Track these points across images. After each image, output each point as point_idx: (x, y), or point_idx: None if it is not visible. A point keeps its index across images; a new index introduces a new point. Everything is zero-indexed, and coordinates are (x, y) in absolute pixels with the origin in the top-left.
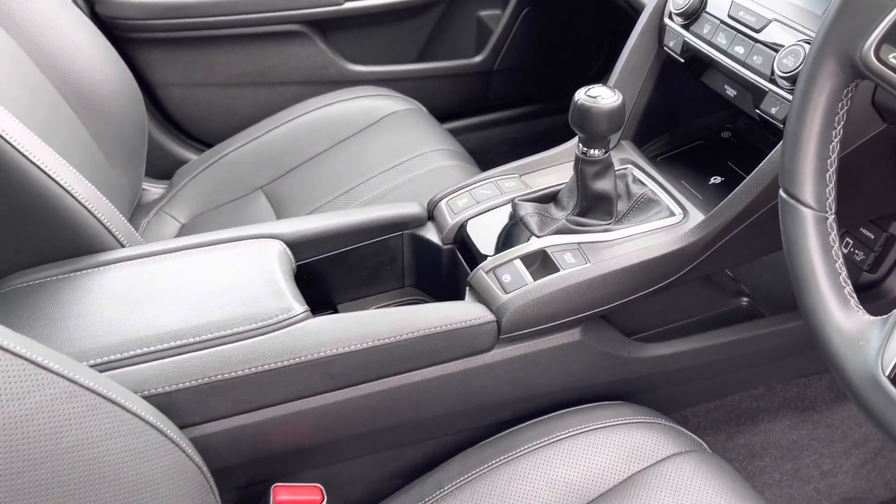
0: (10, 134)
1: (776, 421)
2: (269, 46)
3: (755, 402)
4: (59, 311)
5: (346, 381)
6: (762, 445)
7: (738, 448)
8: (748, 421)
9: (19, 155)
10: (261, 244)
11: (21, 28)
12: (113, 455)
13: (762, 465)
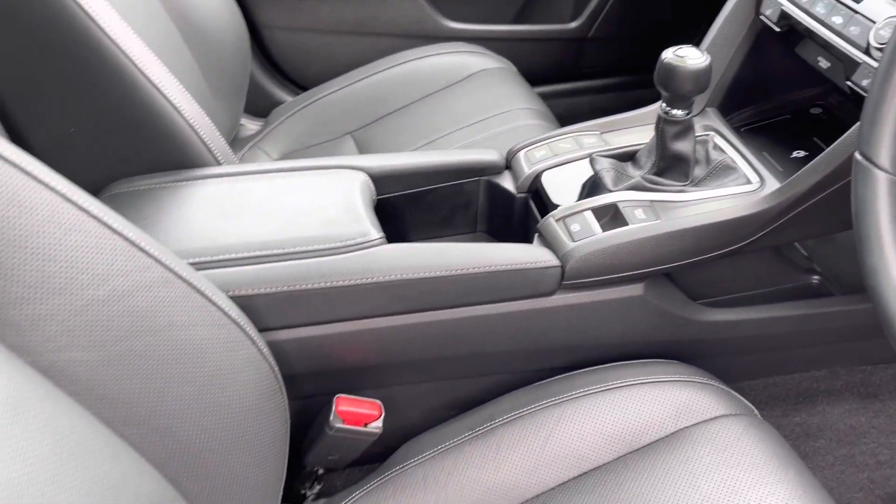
0: (131, 51)
1: (836, 404)
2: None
3: (816, 383)
4: (159, 215)
5: (413, 306)
6: (818, 427)
7: (793, 426)
8: (806, 401)
9: (137, 71)
10: (346, 174)
11: None
12: (198, 341)
13: (816, 446)
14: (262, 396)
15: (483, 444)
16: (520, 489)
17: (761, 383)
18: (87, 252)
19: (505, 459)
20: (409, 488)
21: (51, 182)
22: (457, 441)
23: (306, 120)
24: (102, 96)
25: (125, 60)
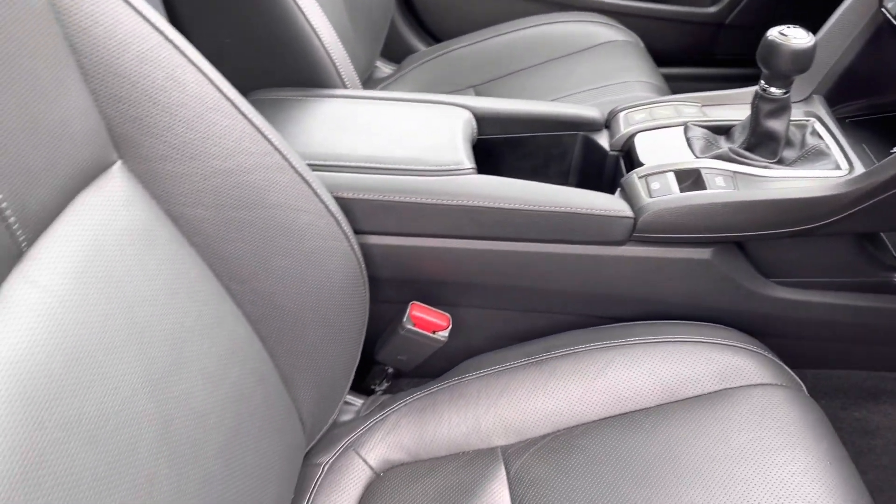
0: None
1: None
2: None
3: (882, 382)
4: (287, 122)
5: (491, 233)
6: (878, 426)
7: (851, 420)
8: (869, 398)
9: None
10: (453, 110)
11: None
12: (300, 224)
13: (873, 444)
14: (347, 285)
15: (537, 370)
16: (564, 416)
17: (824, 373)
18: (222, 129)
19: (554, 387)
20: (464, 398)
21: (203, 67)
22: (513, 364)
23: (435, 70)
24: (256, 14)
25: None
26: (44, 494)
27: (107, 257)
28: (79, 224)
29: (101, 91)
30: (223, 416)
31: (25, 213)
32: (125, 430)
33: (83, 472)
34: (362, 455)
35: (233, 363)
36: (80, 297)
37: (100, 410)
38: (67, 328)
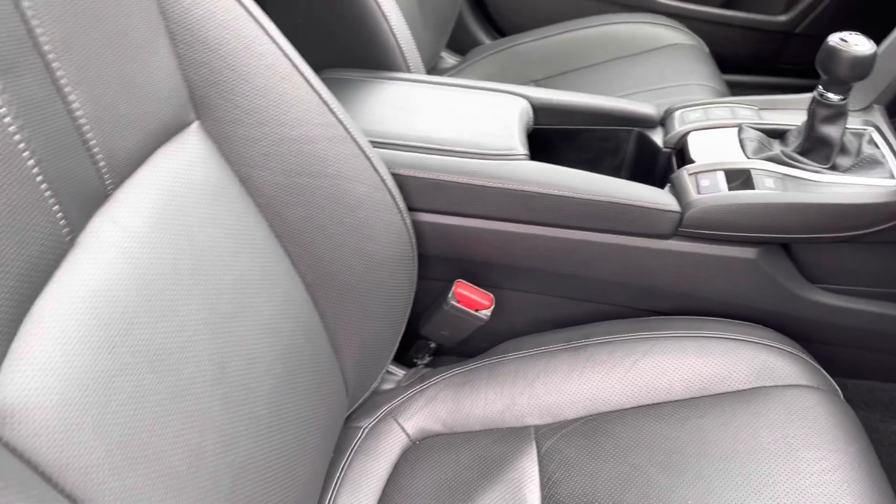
0: None
1: None
2: None
3: None
4: (352, 100)
5: (539, 218)
6: None
7: (890, 434)
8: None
9: None
10: (511, 98)
11: None
12: (356, 195)
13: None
14: (397, 258)
15: (574, 356)
16: (597, 401)
17: (866, 384)
18: (291, 99)
19: (590, 373)
20: (501, 376)
21: (278, 40)
22: (551, 348)
23: (499, 63)
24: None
25: None
26: (111, 411)
27: (181, 207)
28: (158, 174)
29: (185, 55)
30: (274, 365)
31: (113, 159)
32: (186, 365)
33: (146, 396)
34: (400, 422)
35: (286, 318)
36: (155, 240)
37: (165, 344)
38: (142, 266)
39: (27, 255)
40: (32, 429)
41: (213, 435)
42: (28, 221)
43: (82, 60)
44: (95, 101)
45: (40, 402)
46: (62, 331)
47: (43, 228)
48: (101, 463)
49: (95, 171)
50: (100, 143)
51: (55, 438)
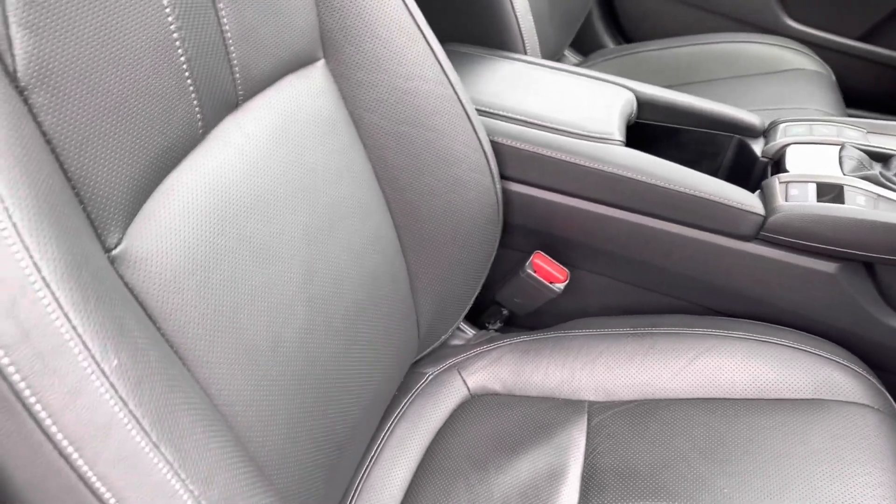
0: None
1: None
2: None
3: None
4: (468, 72)
5: (625, 202)
6: None
7: None
8: None
9: None
10: (617, 89)
11: None
12: (453, 151)
13: None
14: (483, 218)
15: (637, 342)
16: (653, 387)
17: None
18: (410, 54)
19: (651, 361)
20: (564, 350)
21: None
22: (617, 332)
23: (619, 68)
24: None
25: None
26: (212, 282)
27: (298, 129)
28: (283, 97)
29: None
30: (356, 288)
31: (248, 74)
32: (280, 262)
33: (242, 278)
34: (463, 376)
35: (373, 251)
36: (272, 150)
37: (265, 240)
38: (257, 170)
39: (168, 135)
40: (147, 276)
41: (293, 330)
42: (173, 107)
43: None
44: (242, 21)
45: (157, 256)
46: (185, 205)
47: (183, 116)
48: (196, 322)
49: (231, 82)
50: (239, 58)
51: (163, 289)
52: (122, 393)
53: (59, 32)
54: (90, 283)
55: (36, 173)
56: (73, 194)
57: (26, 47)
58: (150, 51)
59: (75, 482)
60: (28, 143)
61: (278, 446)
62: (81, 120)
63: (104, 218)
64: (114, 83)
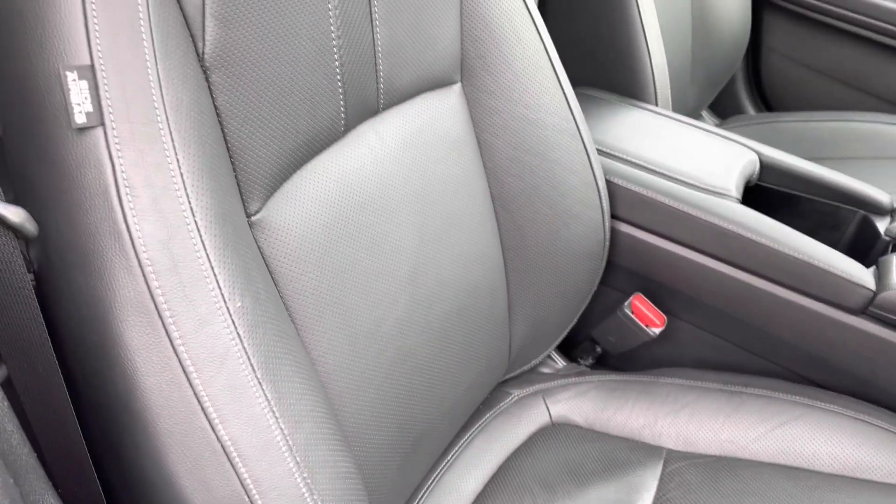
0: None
1: None
2: (876, 55)
3: None
4: (594, 112)
5: (732, 258)
6: None
7: None
8: None
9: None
10: (741, 148)
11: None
12: (568, 185)
13: None
14: (588, 253)
15: (726, 399)
16: (735, 446)
17: None
18: (540, 87)
19: (737, 419)
20: (651, 395)
21: (544, 37)
22: (706, 385)
23: (756, 134)
24: (603, 15)
25: (634, 4)
26: (329, 260)
27: (426, 141)
28: (418, 111)
29: (467, 28)
30: (455, 295)
31: (390, 87)
32: (391, 256)
33: (355, 264)
34: (548, 403)
35: (477, 264)
36: (400, 156)
37: (381, 234)
38: (384, 170)
39: (315, 127)
40: (277, 243)
41: (392, 319)
42: (323, 104)
43: (392, 5)
44: (393, 39)
45: (287, 228)
46: (318, 189)
47: (330, 113)
48: (310, 291)
49: (375, 90)
50: (385, 71)
51: (288, 257)
52: (240, 330)
53: (242, 25)
54: (231, 235)
55: (205, 138)
56: (230, 162)
57: (214, 34)
58: (311, 52)
59: (191, 398)
60: (204, 112)
61: (363, 420)
62: (247, 100)
63: (250, 187)
64: (277, 74)
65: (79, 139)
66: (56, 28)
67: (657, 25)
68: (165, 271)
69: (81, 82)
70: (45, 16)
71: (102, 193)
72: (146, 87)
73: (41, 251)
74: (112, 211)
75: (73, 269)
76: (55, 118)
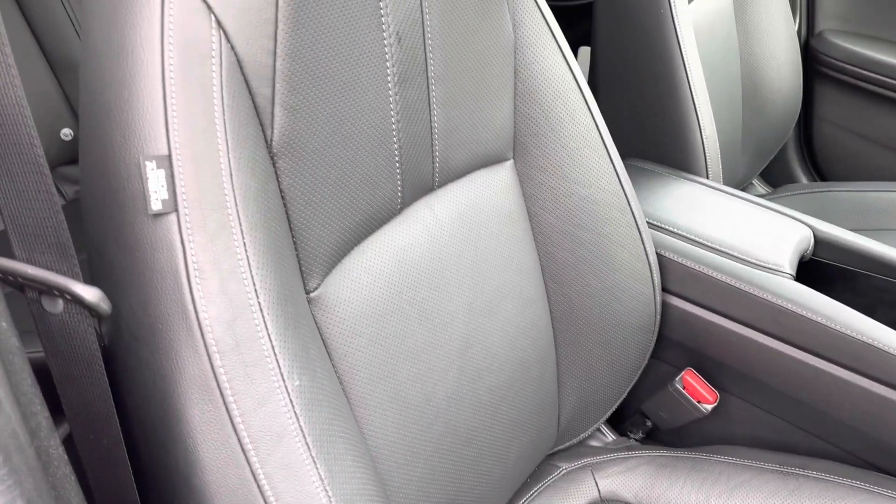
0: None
1: None
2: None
3: None
4: (644, 185)
5: (787, 336)
6: None
7: None
8: None
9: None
10: (793, 223)
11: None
12: (619, 259)
13: None
14: (638, 327)
15: (782, 481)
16: None
17: None
18: (591, 164)
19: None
20: (703, 473)
21: (595, 114)
22: (761, 465)
23: (808, 204)
24: (655, 87)
25: (684, 75)
26: (382, 335)
27: (478, 217)
28: (471, 188)
29: (520, 108)
30: (504, 368)
31: (445, 165)
32: (443, 330)
33: (408, 337)
34: (597, 478)
35: (527, 337)
36: (453, 232)
37: (434, 307)
38: (437, 246)
39: (372, 206)
40: (334, 319)
41: (443, 392)
42: (381, 184)
43: (449, 89)
44: (448, 121)
45: (344, 304)
46: (374, 266)
47: (387, 193)
48: (364, 366)
49: (431, 170)
50: (441, 151)
51: (344, 333)
52: (297, 409)
53: (308, 114)
54: (291, 315)
55: (270, 221)
56: (293, 242)
57: (282, 123)
58: (372, 137)
59: (247, 475)
60: (270, 197)
61: (412, 494)
62: (310, 184)
63: (310, 265)
64: (339, 158)
65: (154, 224)
66: (139, 119)
67: (707, 95)
68: (229, 351)
69: (159, 171)
70: (129, 107)
71: (173, 275)
72: (218, 175)
73: (113, 327)
74: (181, 293)
75: (143, 346)
76: (133, 204)
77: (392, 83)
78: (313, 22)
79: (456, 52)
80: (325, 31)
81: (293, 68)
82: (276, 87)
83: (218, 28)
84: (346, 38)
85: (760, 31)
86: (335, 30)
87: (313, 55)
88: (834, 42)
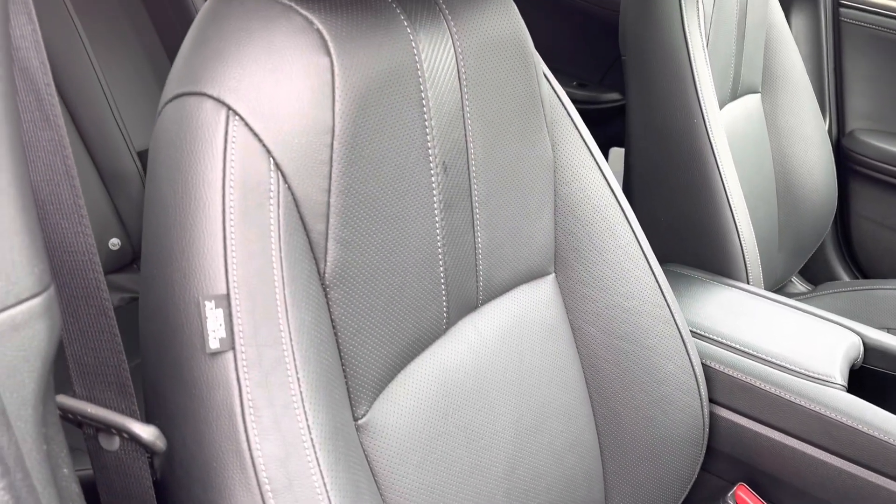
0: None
1: None
2: None
3: None
4: (685, 292)
5: (843, 450)
6: None
7: None
8: None
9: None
10: (842, 331)
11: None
12: (664, 371)
13: None
14: (685, 440)
15: None
16: None
17: None
18: (633, 277)
19: None
20: None
21: (635, 227)
22: None
23: (849, 303)
24: (691, 194)
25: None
26: (430, 460)
27: (522, 333)
28: (514, 303)
29: (560, 224)
30: (551, 487)
31: (489, 283)
32: (488, 451)
33: (454, 461)
34: None
35: (573, 453)
36: (497, 349)
37: (480, 428)
38: (482, 365)
39: (419, 329)
40: (382, 446)
41: None
42: (427, 307)
43: (492, 211)
44: (491, 241)
45: (391, 430)
46: (420, 389)
47: (433, 315)
48: (413, 492)
49: (475, 288)
50: (484, 270)
51: (392, 459)
52: None
53: (360, 245)
54: (343, 448)
55: (322, 353)
56: (342, 371)
57: (335, 256)
58: (418, 262)
59: None
60: (322, 328)
61: None
62: (360, 312)
63: (358, 392)
64: (387, 285)
65: (211, 362)
66: (199, 259)
67: (743, 198)
68: (282, 489)
69: (217, 310)
70: (190, 248)
71: (228, 413)
72: (273, 311)
73: (166, 463)
74: (236, 430)
75: (196, 483)
76: (191, 342)
77: (438, 210)
78: (365, 159)
79: (498, 176)
80: (376, 166)
81: (346, 203)
82: (329, 223)
83: (276, 170)
84: (395, 171)
85: (792, 132)
86: (385, 164)
87: (365, 190)
88: (866, 141)
